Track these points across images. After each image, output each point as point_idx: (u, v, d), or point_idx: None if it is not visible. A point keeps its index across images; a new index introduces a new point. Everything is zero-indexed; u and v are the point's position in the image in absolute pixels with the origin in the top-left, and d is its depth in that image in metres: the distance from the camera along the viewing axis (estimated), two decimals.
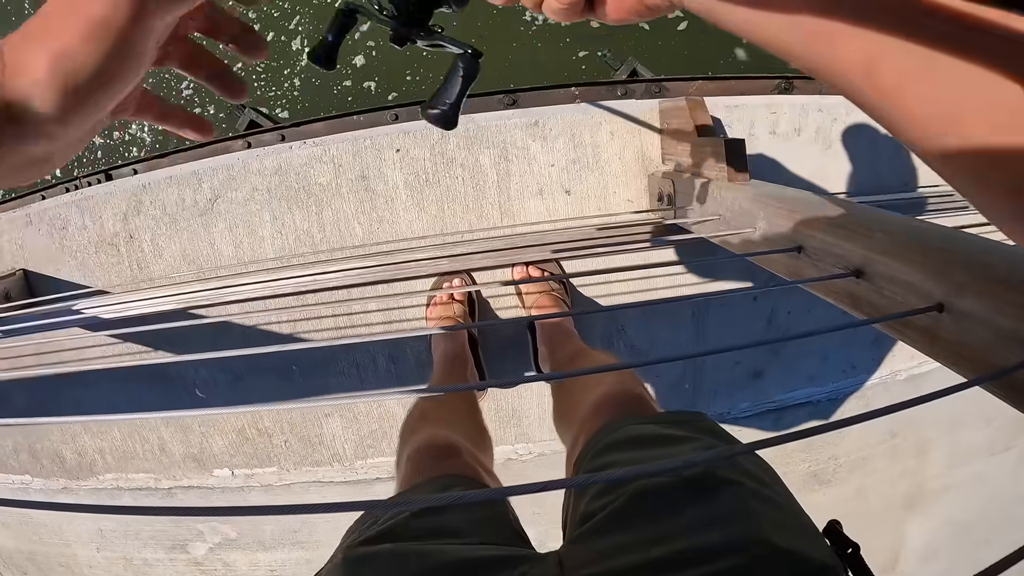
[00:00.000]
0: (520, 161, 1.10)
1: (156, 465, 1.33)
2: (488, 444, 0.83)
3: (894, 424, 1.44)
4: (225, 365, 1.21)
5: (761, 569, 0.34)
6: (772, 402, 1.26)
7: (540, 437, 1.18)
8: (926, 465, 1.54)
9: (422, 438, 0.67)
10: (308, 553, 1.29)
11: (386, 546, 0.43)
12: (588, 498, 0.46)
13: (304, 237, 1.14)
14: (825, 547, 0.38)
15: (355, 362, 1.12)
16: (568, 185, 1.11)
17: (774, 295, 1.18)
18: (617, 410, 0.59)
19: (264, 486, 1.24)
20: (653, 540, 0.37)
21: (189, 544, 1.39)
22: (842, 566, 0.37)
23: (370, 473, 1.19)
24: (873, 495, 1.50)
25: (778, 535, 0.36)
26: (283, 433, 1.19)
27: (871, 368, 1.35)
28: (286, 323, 1.14)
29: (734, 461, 0.43)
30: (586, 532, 0.42)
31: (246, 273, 1.11)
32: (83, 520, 1.49)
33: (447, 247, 1.07)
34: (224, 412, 0.33)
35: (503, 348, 1.11)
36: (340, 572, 0.42)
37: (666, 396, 1.20)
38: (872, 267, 0.48)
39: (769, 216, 0.68)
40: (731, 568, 0.34)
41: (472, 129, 1.09)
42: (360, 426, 1.16)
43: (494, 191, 1.09)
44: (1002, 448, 1.70)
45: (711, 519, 0.38)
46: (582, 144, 1.11)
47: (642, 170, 1.13)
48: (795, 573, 0.34)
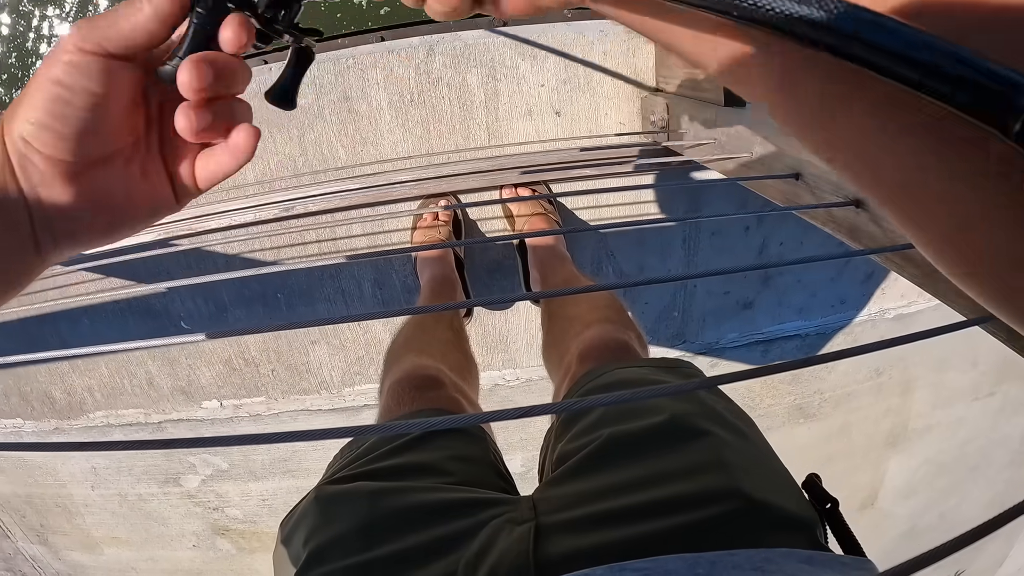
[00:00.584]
0: (509, 81, 1.05)
1: (145, 400, 1.33)
2: (474, 373, 0.82)
3: (881, 362, 1.45)
4: (210, 296, 1.19)
5: (736, 521, 0.33)
6: (760, 334, 1.27)
7: (527, 363, 1.17)
8: (910, 404, 1.57)
9: (405, 367, 0.66)
10: (299, 481, 1.31)
11: (360, 484, 0.42)
12: (564, 441, 0.46)
13: (286, 161, 1.10)
14: (802, 499, 0.37)
15: (340, 288, 1.11)
16: (558, 106, 1.07)
17: (766, 227, 1.16)
18: (602, 357, 0.59)
19: (253, 416, 1.24)
20: (627, 487, 0.37)
21: (181, 477, 1.40)
22: (818, 519, 0.36)
23: (357, 400, 1.19)
24: (857, 431, 1.53)
25: (753, 487, 0.35)
26: (270, 362, 1.18)
27: (860, 305, 1.34)
28: (270, 250, 1.12)
29: (711, 411, 0.43)
30: (560, 475, 0.41)
31: (226, 200, 1.08)
32: (77, 460, 1.50)
33: (432, 168, 1.04)
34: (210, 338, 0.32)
35: (490, 272, 1.09)
36: (313, 510, 0.41)
37: (655, 323, 1.20)
38: None
39: (766, 141, 0.66)
40: (706, 519, 0.33)
41: (459, 47, 1.04)
42: (347, 353, 1.16)
43: (481, 111, 1.05)
44: (986, 393, 1.73)
45: (686, 469, 0.37)
46: (573, 64, 1.06)
47: (635, 92, 1.10)
48: (770, 524, 0.34)
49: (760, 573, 0.28)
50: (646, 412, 0.42)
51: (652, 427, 0.41)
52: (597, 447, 0.41)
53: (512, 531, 0.36)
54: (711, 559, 0.29)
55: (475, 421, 0.56)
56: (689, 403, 0.43)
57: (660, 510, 0.34)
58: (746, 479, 0.35)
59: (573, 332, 0.69)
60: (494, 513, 0.38)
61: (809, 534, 0.35)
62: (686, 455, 0.38)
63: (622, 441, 0.41)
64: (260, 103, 0.25)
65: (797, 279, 1.24)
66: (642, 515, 0.34)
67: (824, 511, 0.37)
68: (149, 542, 1.53)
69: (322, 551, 0.38)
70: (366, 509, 0.40)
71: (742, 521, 0.33)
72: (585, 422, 0.45)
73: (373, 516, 0.39)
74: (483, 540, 0.36)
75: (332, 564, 0.36)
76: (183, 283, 0.48)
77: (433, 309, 0.35)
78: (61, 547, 1.63)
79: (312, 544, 0.38)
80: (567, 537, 0.34)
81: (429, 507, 0.40)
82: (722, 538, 0.32)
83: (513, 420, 1.16)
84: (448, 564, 0.35)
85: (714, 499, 0.34)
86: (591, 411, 0.46)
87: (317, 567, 0.37)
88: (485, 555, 0.34)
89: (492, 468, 0.50)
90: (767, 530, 0.33)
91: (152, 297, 1.22)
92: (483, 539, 0.36)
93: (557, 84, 1.06)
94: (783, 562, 0.29)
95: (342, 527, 0.39)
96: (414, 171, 1.03)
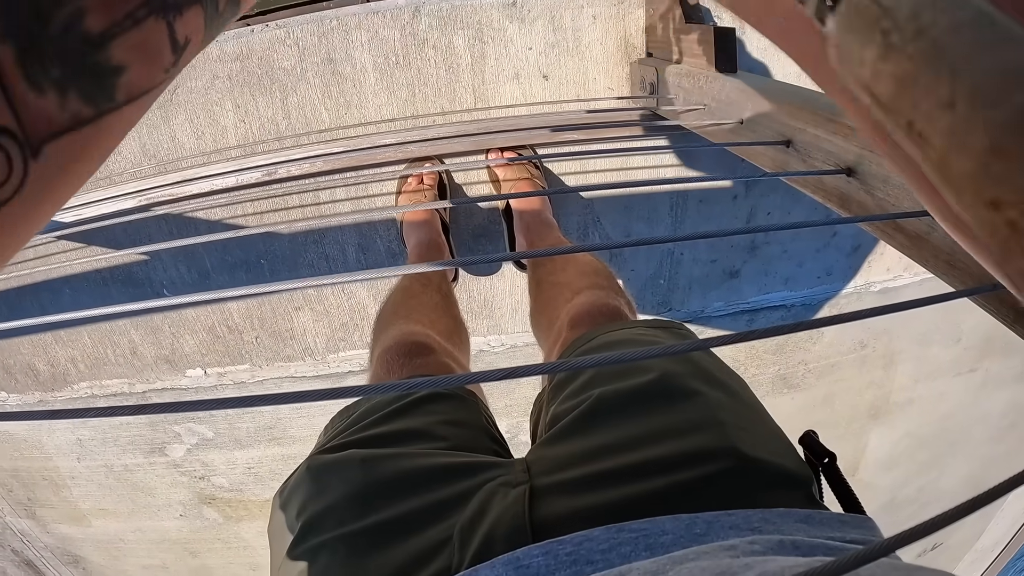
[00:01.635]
0: (496, 43, 1.04)
1: (129, 370, 1.32)
2: (465, 337, 0.81)
3: (865, 335, 1.47)
4: (192, 263, 1.17)
5: (732, 479, 0.33)
6: (746, 303, 1.27)
7: (513, 329, 1.17)
8: (893, 377, 1.59)
9: (393, 334, 0.65)
10: (284, 449, 1.31)
11: (351, 452, 0.42)
12: (556, 403, 0.45)
13: (269, 125, 1.08)
14: (797, 457, 0.37)
15: (324, 254, 1.09)
16: (546, 70, 1.06)
17: (754, 196, 1.16)
18: (595, 322, 0.58)
19: (237, 384, 1.23)
20: (620, 447, 0.36)
21: (167, 447, 1.40)
22: (813, 475, 0.36)
23: (342, 367, 1.19)
24: (840, 403, 1.55)
25: (748, 444, 0.35)
26: (254, 329, 1.17)
27: (846, 277, 1.35)
28: (252, 215, 1.10)
29: (702, 370, 0.42)
30: (552, 436, 0.41)
31: (208, 164, 1.06)
32: (62, 432, 1.49)
33: (418, 132, 1.03)
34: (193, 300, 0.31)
35: (476, 237, 1.08)
36: (305, 480, 0.41)
37: (641, 291, 1.20)
38: (865, 166, 0.46)
39: (757, 107, 0.65)
40: (701, 477, 0.33)
41: (446, 8, 1.02)
42: (331, 319, 1.15)
43: (468, 74, 1.04)
44: (968, 369, 1.76)
45: (679, 427, 0.36)
46: (562, 27, 1.05)
47: (625, 57, 1.08)
48: (766, 482, 0.33)
49: (757, 533, 0.28)
50: (636, 371, 0.42)
51: (642, 386, 0.40)
52: (588, 407, 0.41)
53: (507, 494, 0.35)
54: (708, 519, 0.29)
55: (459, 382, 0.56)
56: (679, 363, 0.43)
57: (654, 469, 0.34)
58: (740, 437, 0.35)
59: (563, 298, 0.68)
60: (488, 477, 0.38)
61: (806, 491, 0.34)
62: (678, 413, 0.38)
63: (612, 400, 0.40)
64: (240, 66, 0.24)
65: (784, 249, 1.25)
66: (637, 475, 0.34)
67: (822, 466, 0.36)
68: (136, 513, 1.53)
69: (316, 521, 0.37)
70: (359, 477, 0.39)
71: (738, 479, 0.33)
72: (576, 383, 0.45)
73: (366, 484, 0.39)
74: (478, 504, 0.35)
75: (327, 533, 0.36)
76: (164, 246, 0.47)
77: (418, 269, 0.35)
78: (49, 520, 1.63)
79: (306, 515, 0.38)
80: (562, 498, 0.34)
81: (422, 472, 0.39)
82: (718, 497, 0.32)
83: (498, 383, 1.16)
84: (443, 529, 0.34)
85: (709, 458, 0.34)
86: (583, 373, 0.46)
87: (312, 537, 0.36)
88: (480, 519, 0.34)
89: (484, 432, 0.50)
90: (763, 488, 0.33)
91: (134, 265, 1.21)
92: (477, 503, 0.35)
93: (545, 47, 1.04)
94: (780, 522, 0.29)
95: (335, 496, 0.38)
96: (399, 134, 1.02)
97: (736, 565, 0.23)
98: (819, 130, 0.52)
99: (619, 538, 0.28)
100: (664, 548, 0.27)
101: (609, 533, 0.28)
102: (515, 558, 0.28)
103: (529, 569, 0.28)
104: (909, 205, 0.42)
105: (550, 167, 1.07)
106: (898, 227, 0.44)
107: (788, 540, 0.26)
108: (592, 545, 0.28)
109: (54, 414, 0.21)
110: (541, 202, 1.01)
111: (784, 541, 0.26)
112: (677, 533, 0.28)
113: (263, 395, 0.23)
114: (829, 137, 0.50)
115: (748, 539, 0.26)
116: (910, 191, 0.42)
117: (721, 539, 0.27)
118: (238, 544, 1.57)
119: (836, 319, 0.28)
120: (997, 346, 1.70)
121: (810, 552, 0.26)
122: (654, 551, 0.27)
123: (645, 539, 0.28)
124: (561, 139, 1.01)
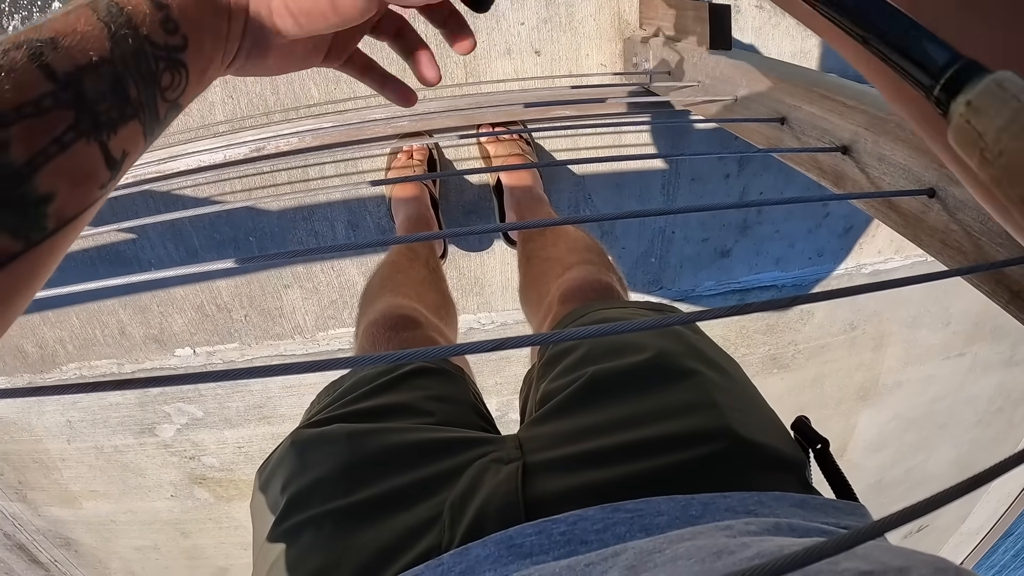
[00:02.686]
0: (487, 18, 1.02)
1: (117, 350, 1.31)
2: (452, 313, 0.80)
3: (855, 316, 1.47)
4: (180, 241, 1.16)
5: (727, 460, 0.33)
6: (737, 283, 1.27)
7: (502, 306, 1.17)
8: (882, 359, 1.60)
9: (380, 308, 0.64)
10: (274, 428, 1.31)
11: (337, 427, 0.41)
12: (548, 380, 0.44)
13: (257, 100, 1.07)
14: (790, 440, 0.36)
15: (313, 231, 1.08)
16: (538, 46, 1.04)
17: (747, 175, 1.16)
18: (586, 298, 0.57)
19: (227, 362, 1.23)
20: (615, 426, 0.36)
21: (157, 427, 1.39)
22: (806, 460, 0.35)
23: (332, 344, 1.18)
24: (829, 384, 1.56)
25: (743, 426, 0.34)
26: (243, 307, 1.16)
27: (837, 258, 1.36)
28: (241, 192, 1.09)
29: (696, 350, 0.42)
30: (545, 413, 0.40)
31: (195, 140, 1.04)
32: (52, 414, 1.48)
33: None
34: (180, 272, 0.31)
35: (466, 213, 1.08)
36: (290, 455, 0.39)
37: (632, 269, 1.20)
38: (861, 144, 0.46)
39: (751, 85, 0.65)
40: (696, 458, 0.33)
41: None
42: (320, 297, 1.14)
43: None
44: (956, 353, 1.77)
45: (674, 408, 0.36)
46: (555, 2, 1.03)
47: (618, 34, 1.07)
48: (761, 464, 0.33)
49: (753, 516, 0.28)
50: (631, 350, 0.41)
51: (637, 364, 0.40)
52: (582, 385, 0.40)
53: (499, 471, 0.34)
54: (704, 501, 0.28)
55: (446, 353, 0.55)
56: (674, 342, 0.42)
57: (649, 449, 0.33)
58: (736, 418, 0.35)
59: (553, 274, 0.67)
60: (479, 453, 0.37)
61: (799, 474, 0.34)
62: (673, 393, 0.37)
63: (607, 379, 0.40)
64: None
65: (775, 229, 1.25)
66: (631, 454, 0.33)
67: (815, 451, 0.36)
68: (127, 494, 1.53)
69: (302, 496, 0.36)
70: (346, 452, 0.38)
71: (733, 460, 0.33)
72: (569, 360, 0.44)
73: (353, 458, 0.38)
74: (468, 480, 0.34)
75: (313, 509, 0.35)
76: (151, 220, 0.46)
77: (407, 240, 0.34)
78: (40, 503, 1.62)
79: (291, 490, 0.37)
80: (556, 476, 0.33)
81: (411, 448, 0.38)
82: (712, 477, 0.32)
83: (488, 360, 1.16)
84: (434, 505, 0.33)
85: (704, 438, 0.33)
86: (575, 349, 0.45)
87: (297, 513, 0.35)
88: (472, 495, 0.33)
89: (472, 408, 0.49)
90: (758, 470, 0.33)
91: (121, 244, 1.19)
92: (468, 479, 0.35)
93: (538, 23, 1.03)
94: (776, 505, 0.29)
95: (321, 471, 0.37)
96: (388, 109, 1.00)
97: (733, 544, 0.23)
98: (814, 107, 0.52)
99: (614, 518, 0.28)
100: (659, 529, 0.27)
101: (604, 513, 0.28)
102: (508, 536, 0.28)
103: (522, 548, 0.27)
104: (904, 184, 0.42)
105: (541, 143, 1.07)
106: (892, 206, 0.44)
107: (784, 523, 0.26)
108: (586, 525, 0.27)
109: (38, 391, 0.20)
110: (532, 177, 1.01)
111: (780, 523, 0.26)
112: (673, 514, 0.28)
113: (248, 368, 0.22)
114: (824, 115, 0.50)
115: (744, 520, 0.26)
116: (906, 171, 0.42)
117: (717, 520, 0.27)
118: (229, 524, 1.57)
119: (828, 295, 0.27)
120: (986, 330, 1.72)
121: (806, 535, 0.26)
122: (649, 532, 0.27)
123: (640, 519, 0.27)
124: (553, 114, 1.00)
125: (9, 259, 0.15)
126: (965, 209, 0.36)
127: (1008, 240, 0.34)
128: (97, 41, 0.17)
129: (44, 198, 0.15)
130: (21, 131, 0.14)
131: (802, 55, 1.16)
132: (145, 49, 0.18)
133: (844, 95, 0.49)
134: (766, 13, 1.14)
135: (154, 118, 0.19)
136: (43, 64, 0.15)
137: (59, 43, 0.16)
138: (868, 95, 0.49)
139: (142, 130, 0.18)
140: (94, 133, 0.16)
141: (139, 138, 0.19)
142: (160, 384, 0.22)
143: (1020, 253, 0.32)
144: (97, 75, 0.16)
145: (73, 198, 0.16)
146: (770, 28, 1.14)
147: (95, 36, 0.17)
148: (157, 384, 0.22)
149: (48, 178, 0.15)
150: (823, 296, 0.28)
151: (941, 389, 1.82)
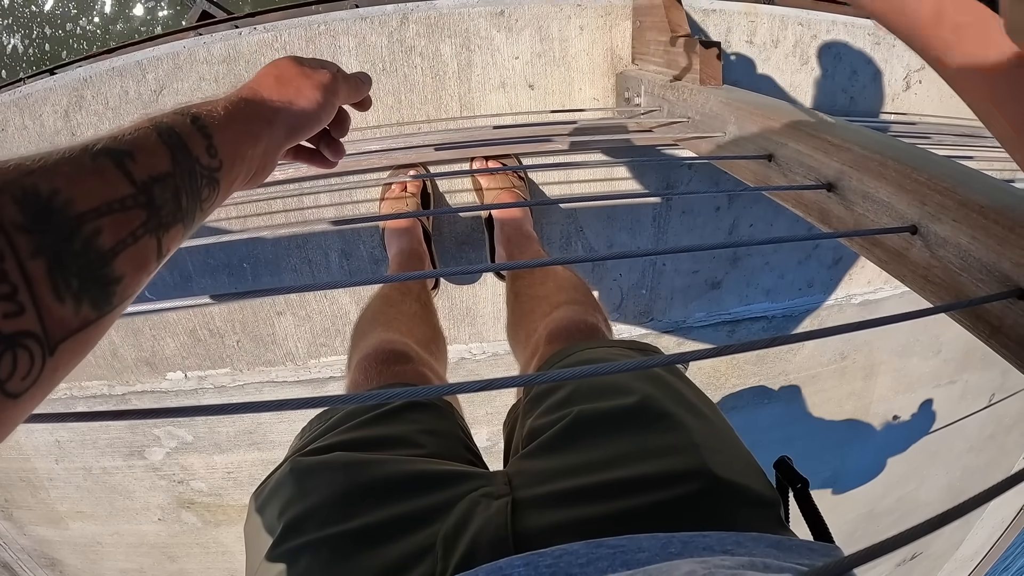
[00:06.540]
0: (483, 52, 1.04)
1: (108, 371, 1.30)
2: (442, 348, 0.81)
3: (846, 346, 1.48)
4: (174, 266, 1.17)
5: (705, 499, 0.34)
6: (727, 314, 1.28)
7: (494, 337, 1.18)
8: (873, 388, 1.61)
9: (372, 342, 0.66)
10: (264, 454, 1.30)
11: (336, 455, 0.42)
12: (533, 417, 0.46)
13: None
14: (765, 480, 0.38)
15: (307, 259, 1.09)
16: (532, 79, 1.06)
17: (737, 208, 1.17)
18: (572, 338, 0.59)
19: (218, 387, 1.22)
20: (600, 464, 0.37)
21: (146, 450, 1.38)
22: (781, 499, 0.37)
23: (323, 372, 1.18)
24: (820, 413, 1.56)
25: (720, 467, 0.36)
26: (235, 333, 1.17)
27: (827, 289, 1.37)
28: (236, 219, 1.09)
29: (679, 396, 0.43)
30: (533, 450, 0.42)
31: None
32: (40, 433, 1.47)
33: (403, 139, 1.03)
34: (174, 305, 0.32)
35: (459, 245, 1.09)
36: (288, 481, 0.40)
37: (623, 300, 1.21)
38: (846, 181, 0.47)
39: (740, 121, 0.66)
40: (677, 497, 0.34)
41: (433, 16, 1.02)
42: (313, 324, 1.14)
43: (454, 82, 1.04)
44: (947, 380, 1.78)
45: (657, 449, 0.37)
46: (549, 37, 1.05)
47: (611, 68, 1.09)
48: (738, 504, 0.35)
49: (730, 556, 0.29)
50: (617, 393, 0.43)
51: (623, 407, 0.41)
52: (568, 423, 0.41)
53: (489, 505, 0.36)
54: (684, 539, 0.29)
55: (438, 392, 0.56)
56: (658, 388, 0.44)
57: (632, 488, 0.35)
58: (714, 460, 0.36)
59: (540, 312, 0.69)
60: (470, 487, 0.39)
61: (774, 513, 0.36)
62: (656, 436, 0.39)
63: (593, 419, 0.41)
64: (227, 68, 0.25)
65: (765, 261, 1.26)
66: (615, 492, 0.35)
67: (795, 491, 0.37)
68: (114, 516, 1.51)
69: (299, 522, 0.37)
70: (343, 480, 0.39)
71: (711, 500, 0.34)
72: (555, 398, 0.45)
73: (350, 487, 0.39)
74: (460, 513, 0.36)
75: (309, 535, 0.36)
76: None
77: (399, 278, 0.35)
78: (26, 522, 1.60)
79: (288, 515, 0.37)
80: (544, 512, 0.35)
81: (406, 478, 0.39)
82: (692, 516, 0.33)
83: (478, 394, 1.16)
84: (426, 536, 0.35)
85: (684, 479, 0.35)
86: (560, 388, 0.46)
87: (294, 538, 0.36)
88: (463, 528, 0.34)
89: (461, 443, 0.50)
90: (735, 509, 0.34)
91: None
92: (460, 512, 0.36)
93: (532, 57, 1.05)
94: (752, 545, 0.30)
95: (319, 498, 0.38)
96: (384, 140, 1.02)
97: (700, 571, 0.24)
98: (800, 145, 0.53)
99: (597, 553, 0.29)
100: (640, 564, 0.28)
101: (588, 548, 0.29)
102: (498, 567, 0.29)
103: None
104: (887, 221, 0.43)
105: (534, 177, 1.08)
106: (876, 242, 0.45)
107: (759, 562, 0.27)
108: (571, 559, 0.29)
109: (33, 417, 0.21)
110: (522, 214, 1.02)
111: (755, 562, 0.27)
112: (653, 551, 0.29)
113: (240, 403, 0.23)
114: (810, 152, 0.51)
115: (719, 559, 0.27)
116: (888, 208, 0.43)
117: (695, 558, 0.28)
118: (217, 549, 1.55)
119: (813, 334, 0.28)
120: (976, 358, 1.73)
121: (779, 572, 0.27)
122: (631, 566, 0.28)
123: (622, 555, 0.29)
124: (545, 149, 1.01)
125: (86, 326, 0.18)
126: (946, 246, 0.37)
127: (987, 276, 0.35)
128: (163, 159, 0.21)
129: (117, 279, 0.19)
130: (111, 223, 0.18)
131: (792, 88, 1.18)
132: (195, 169, 0.23)
133: (831, 133, 0.51)
134: (756, 48, 1.16)
135: (191, 222, 0.23)
136: (126, 171, 0.19)
137: (136, 156, 0.20)
138: (853, 133, 0.50)
139: (183, 231, 0.23)
140: (156, 231, 0.20)
141: (180, 237, 0.23)
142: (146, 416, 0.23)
143: (998, 289, 0.34)
144: (163, 186, 0.21)
145: (134, 281, 0.20)
146: (761, 63, 1.16)
147: (160, 154, 0.21)
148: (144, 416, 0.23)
149: (121, 263, 0.19)
150: (804, 337, 0.29)
151: (932, 417, 1.83)
